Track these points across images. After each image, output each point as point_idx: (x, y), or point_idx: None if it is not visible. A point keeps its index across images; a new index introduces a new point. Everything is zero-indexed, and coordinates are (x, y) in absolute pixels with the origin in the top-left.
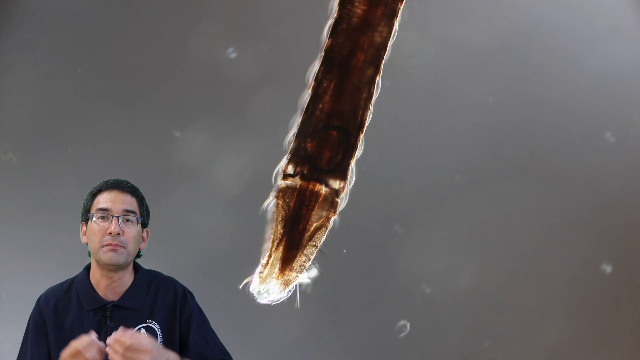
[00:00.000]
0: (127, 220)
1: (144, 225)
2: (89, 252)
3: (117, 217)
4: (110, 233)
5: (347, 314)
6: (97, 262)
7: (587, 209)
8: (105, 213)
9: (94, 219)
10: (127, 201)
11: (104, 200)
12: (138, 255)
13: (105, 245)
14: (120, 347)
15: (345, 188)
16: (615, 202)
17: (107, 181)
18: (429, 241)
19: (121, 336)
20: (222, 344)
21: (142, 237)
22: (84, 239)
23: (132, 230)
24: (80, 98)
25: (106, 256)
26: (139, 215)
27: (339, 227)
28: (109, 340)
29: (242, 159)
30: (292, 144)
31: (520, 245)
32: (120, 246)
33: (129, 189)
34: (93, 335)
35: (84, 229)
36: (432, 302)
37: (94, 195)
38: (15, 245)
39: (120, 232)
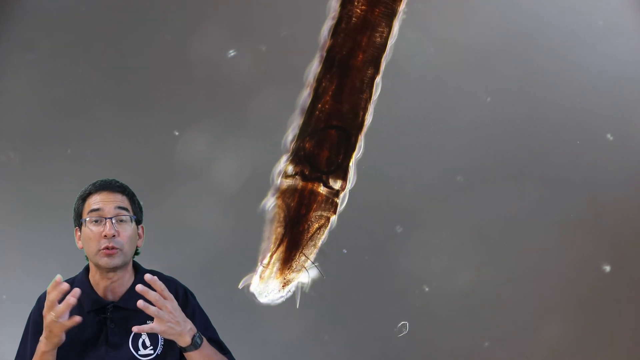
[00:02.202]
0: (121, 220)
1: (138, 222)
2: (86, 256)
3: (111, 218)
4: (105, 236)
5: (347, 314)
6: (95, 265)
7: (587, 209)
8: (98, 215)
9: (87, 224)
10: (119, 200)
11: (94, 202)
12: (136, 253)
13: (102, 250)
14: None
15: (345, 188)
16: (615, 202)
17: (95, 183)
18: (429, 241)
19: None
20: (223, 343)
21: (138, 234)
22: (79, 244)
23: (127, 229)
24: (81, 98)
25: (103, 260)
26: (132, 213)
27: (339, 227)
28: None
29: (242, 159)
30: (292, 144)
31: (520, 245)
32: (117, 248)
33: (119, 188)
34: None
35: (79, 234)
36: (432, 302)
37: (84, 199)
38: (15, 245)
39: (116, 234)
